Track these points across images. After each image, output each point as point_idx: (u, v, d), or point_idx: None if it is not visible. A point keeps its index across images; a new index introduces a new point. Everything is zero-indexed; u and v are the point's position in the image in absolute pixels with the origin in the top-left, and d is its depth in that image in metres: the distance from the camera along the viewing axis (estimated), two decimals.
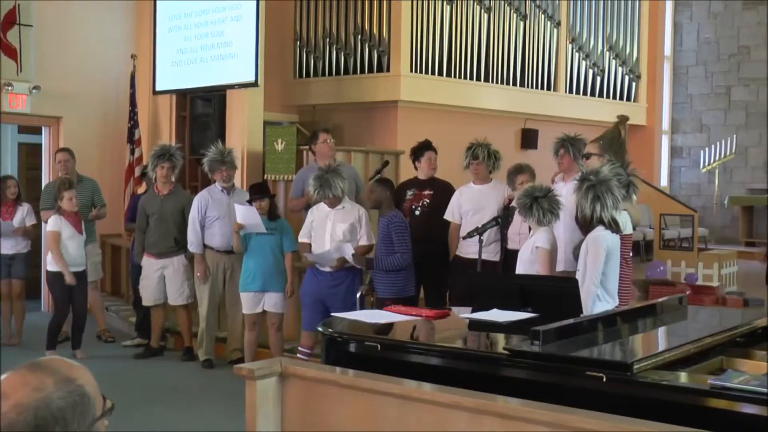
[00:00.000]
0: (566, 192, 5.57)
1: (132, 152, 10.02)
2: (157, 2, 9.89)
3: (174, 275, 7.65)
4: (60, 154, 8.42)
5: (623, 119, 5.94)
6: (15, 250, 8.24)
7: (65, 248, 7.42)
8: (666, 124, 15.33)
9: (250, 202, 6.84)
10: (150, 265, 7.69)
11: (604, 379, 2.90)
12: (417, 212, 6.89)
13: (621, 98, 13.63)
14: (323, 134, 7.38)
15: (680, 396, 2.83)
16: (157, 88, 9.95)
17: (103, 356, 7.66)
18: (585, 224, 4.78)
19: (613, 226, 4.73)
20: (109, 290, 10.06)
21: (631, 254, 5.68)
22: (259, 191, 6.93)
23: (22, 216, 8.24)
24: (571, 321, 3.61)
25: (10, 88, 9.40)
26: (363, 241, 6.37)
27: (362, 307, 6.20)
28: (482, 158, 6.62)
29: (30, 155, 10.99)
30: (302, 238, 6.56)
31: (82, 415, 1.54)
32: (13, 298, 8.31)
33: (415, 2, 10.12)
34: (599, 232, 4.70)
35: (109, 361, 7.51)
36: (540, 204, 5.19)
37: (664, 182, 15.11)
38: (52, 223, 7.43)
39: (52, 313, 7.95)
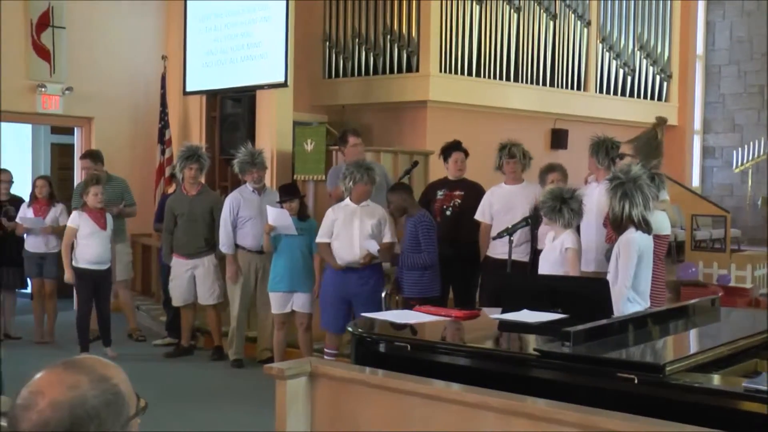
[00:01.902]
0: (598, 193, 5.53)
1: (162, 152, 10.10)
2: (188, 3, 9.96)
3: (205, 275, 7.69)
4: (83, 161, 8.50)
5: (662, 121, 5.86)
6: (46, 249, 8.25)
7: (82, 245, 7.42)
8: (698, 124, 15.15)
9: (280, 203, 6.87)
10: (180, 265, 7.72)
11: (636, 381, 2.87)
12: (448, 212, 6.89)
13: (652, 98, 13.50)
14: (353, 138, 7.39)
15: (713, 399, 2.80)
16: (188, 89, 10.01)
17: (134, 355, 7.72)
18: (616, 224, 4.73)
19: (644, 226, 4.67)
20: (139, 289, 10.15)
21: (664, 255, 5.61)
22: (288, 193, 6.96)
23: (55, 215, 8.27)
24: (601, 322, 3.58)
25: (43, 89, 9.52)
26: (387, 239, 6.43)
27: (387, 307, 6.22)
28: (519, 157, 6.63)
29: (62, 155, 11.13)
30: (321, 239, 6.53)
31: (117, 413, 1.55)
32: (45, 297, 8.38)
33: (444, 2, 10.10)
34: (631, 234, 4.65)
35: (139, 359, 7.57)
36: (570, 206, 5.16)
37: (695, 183, 14.94)
38: (71, 219, 7.53)
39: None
